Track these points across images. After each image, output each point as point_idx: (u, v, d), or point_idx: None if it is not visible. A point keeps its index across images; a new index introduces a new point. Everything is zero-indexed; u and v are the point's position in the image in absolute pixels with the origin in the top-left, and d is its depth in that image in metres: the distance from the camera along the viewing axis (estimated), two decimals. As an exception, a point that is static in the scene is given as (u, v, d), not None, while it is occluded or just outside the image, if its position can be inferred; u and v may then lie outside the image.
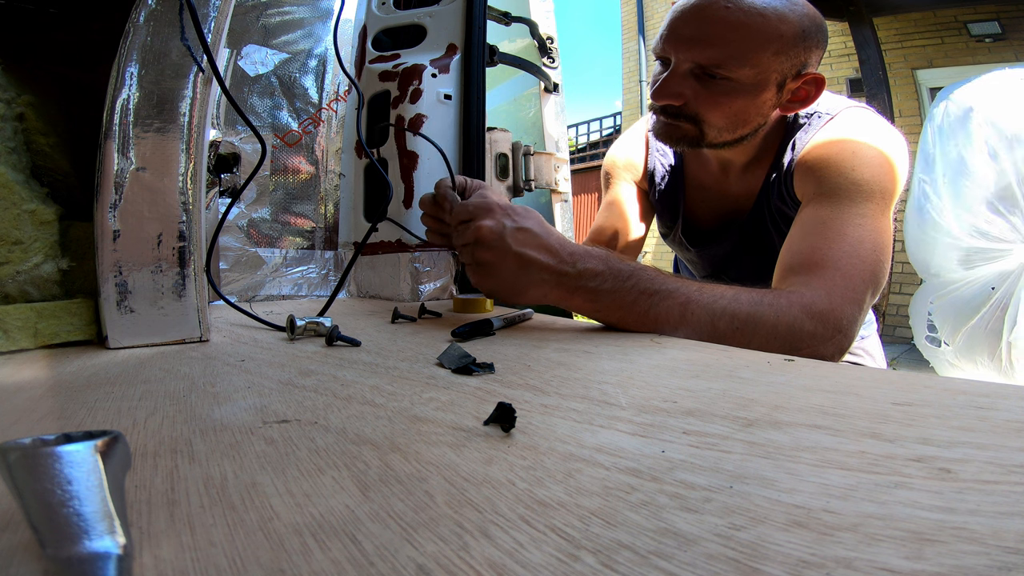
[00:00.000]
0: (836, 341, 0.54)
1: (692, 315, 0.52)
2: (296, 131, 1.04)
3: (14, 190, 0.49)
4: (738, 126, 0.68)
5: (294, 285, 1.01)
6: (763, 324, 0.52)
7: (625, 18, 6.18)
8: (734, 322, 0.52)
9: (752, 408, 0.28)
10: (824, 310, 0.54)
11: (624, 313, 0.53)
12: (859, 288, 0.57)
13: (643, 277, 0.54)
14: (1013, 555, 0.14)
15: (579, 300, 0.55)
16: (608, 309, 0.54)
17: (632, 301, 0.53)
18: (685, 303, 0.52)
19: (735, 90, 0.65)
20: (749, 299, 0.53)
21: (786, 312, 0.53)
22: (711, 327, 0.52)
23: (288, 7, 1.03)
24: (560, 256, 0.54)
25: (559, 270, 0.54)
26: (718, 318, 0.52)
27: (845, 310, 0.55)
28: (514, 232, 0.54)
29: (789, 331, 0.53)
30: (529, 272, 0.54)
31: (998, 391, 0.29)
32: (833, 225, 0.60)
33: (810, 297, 0.54)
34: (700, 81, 0.65)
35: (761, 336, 0.52)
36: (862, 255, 0.58)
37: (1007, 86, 2.53)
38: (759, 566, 0.14)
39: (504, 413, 0.26)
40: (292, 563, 0.15)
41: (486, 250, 0.55)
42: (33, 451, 0.15)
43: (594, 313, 0.55)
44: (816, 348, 0.53)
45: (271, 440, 0.25)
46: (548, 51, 1.28)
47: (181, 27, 0.49)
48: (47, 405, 0.32)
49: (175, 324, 0.50)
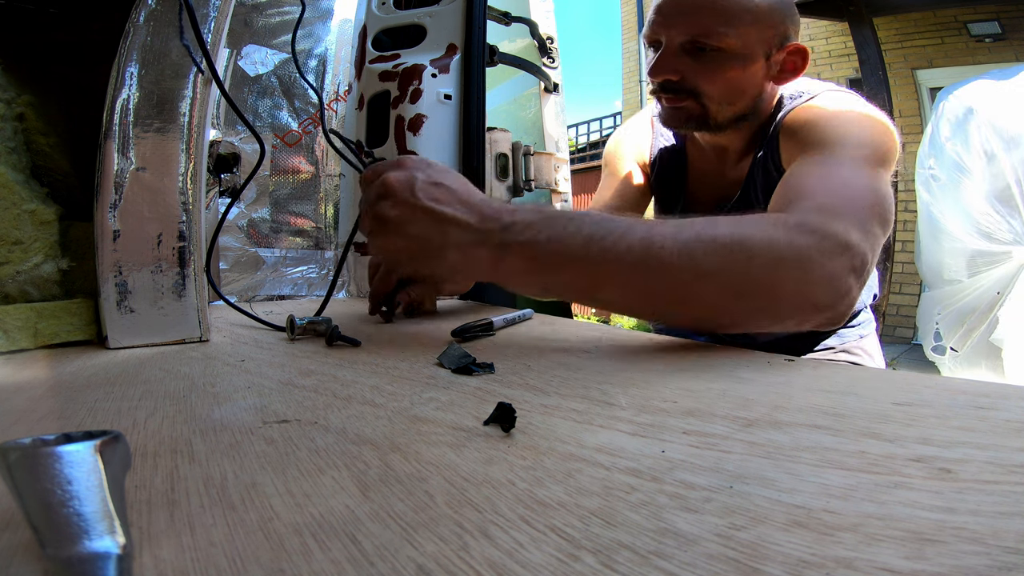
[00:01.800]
0: (847, 258, 0.45)
1: (660, 249, 0.42)
2: (296, 131, 1.04)
3: (14, 190, 0.49)
4: (736, 97, 0.69)
5: (294, 285, 1.01)
6: (753, 243, 0.43)
7: (625, 18, 6.19)
8: (715, 247, 0.42)
9: (752, 408, 0.28)
10: (819, 225, 0.45)
11: (573, 268, 0.43)
12: (860, 213, 0.48)
13: (588, 220, 0.44)
14: (1013, 555, 0.14)
15: (512, 261, 0.43)
16: (551, 266, 0.43)
17: (579, 248, 0.42)
18: (647, 237, 0.42)
19: (726, 60, 0.66)
20: (726, 221, 0.44)
21: (774, 229, 0.44)
22: (688, 260, 0.42)
23: (288, 7, 1.03)
24: (482, 212, 0.45)
25: (481, 227, 0.44)
26: (693, 246, 0.42)
27: (846, 227, 0.46)
28: (427, 185, 0.45)
29: (789, 247, 0.43)
30: (444, 230, 0.44)
31: (998, 391, 0.29)
32: (824, 166, 0.55)
33: (799, 217, 0.46)
34: (692, 56, 0.67)
35: (759, 261, 0.42)
36: (859, 189, 0.51)
37: (1007, 86, 2.53)
38: (759, 566, 0.14)
39: (504, 413, 0.26)
40: (292, 563, 0.15)
41: (391, 206, 0.45)
42: (33, 451, 0.15)
43: (534, 275, 0.44)
44: (825, 266, 0.44)
45: (271, 440, 0.25)
46: (548, 51, 1.28)
47: (180, 28, 0.49)
48: (47, 405, 0.32)
49: (175, 324, 0.50)
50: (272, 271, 0.99)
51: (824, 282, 0.44)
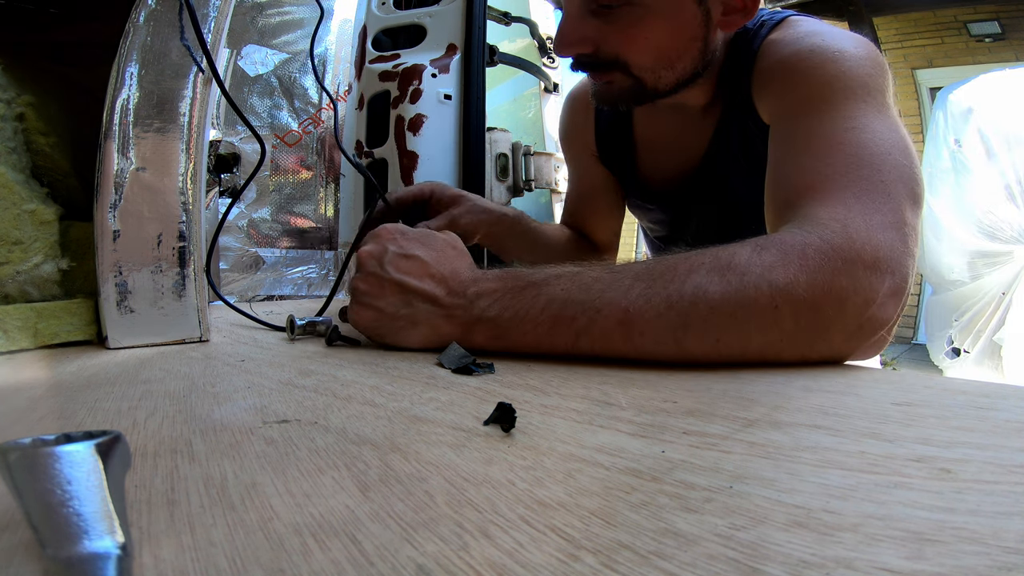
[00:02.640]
0: (877, 278, 0.37)
1: (639, 319, 0.37)
2: (296, 131, 1.04)
3: (14, 190, 0.49)
4: (672, 59, 0.55)
5: (294, 285, 1.01)
6: (751, 311, 0.36)
7: (625, 18, 6.18)
8: (699, 320, 0.36)
9: (752, 408, 0.28)
10: (843, 246, 0.37)
11: (540, 341, 0.40)
12: (887, 204, 0.40)
13: (555, 282, 0.40)
14: (1013, 555, 0.14)
15: (479, 336, 0.42)
16: (518, 340, 0.41)
17: (544, 323, 0.39)
18: (624, 307, 0.37)
19: (642, 15, 0.52)
20: (712, 267, 0.37)
21: (771, 276, 0.36)
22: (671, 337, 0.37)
23: (288, 7, 1.04)
24: (450, 285, 0.44)
25: (447, 302, 0.43)
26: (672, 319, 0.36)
27: (878, 237, 0.38)
28: (396, 258, 0.45)
29: (796, 307, 0.36)
30: (412, 305, 0.44)
31: (998, 391, 0.29)
32: (819, 135, 0.46)
33: (822, 240, 0.37)
34: (600, 17, 0.54)
35: (758, 340, 0.36)
36: (875, 162, 0.42)
37: (1007, 85, 2.53)
38: (759, 566, 0.14)
39: (504, 413, 0.26)
40: (292, 563, 0.15)
41: (361, 279, 0.45)
42: (33, 451, 0.15)
43: (503, 344, 0.42)
44: (846, 311, 0.36)
45: (271, 440, 0.25)
46: (548, 51, 1.28)
47: (181, 27, 0.49)
48: (47, 405, 0.32)
49: (175, 324, 0.50)
50: (272, 271, 0.99)
51: (850, 333, 0.37)
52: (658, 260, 0.40)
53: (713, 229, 0.72)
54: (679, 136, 0.68)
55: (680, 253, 0.40)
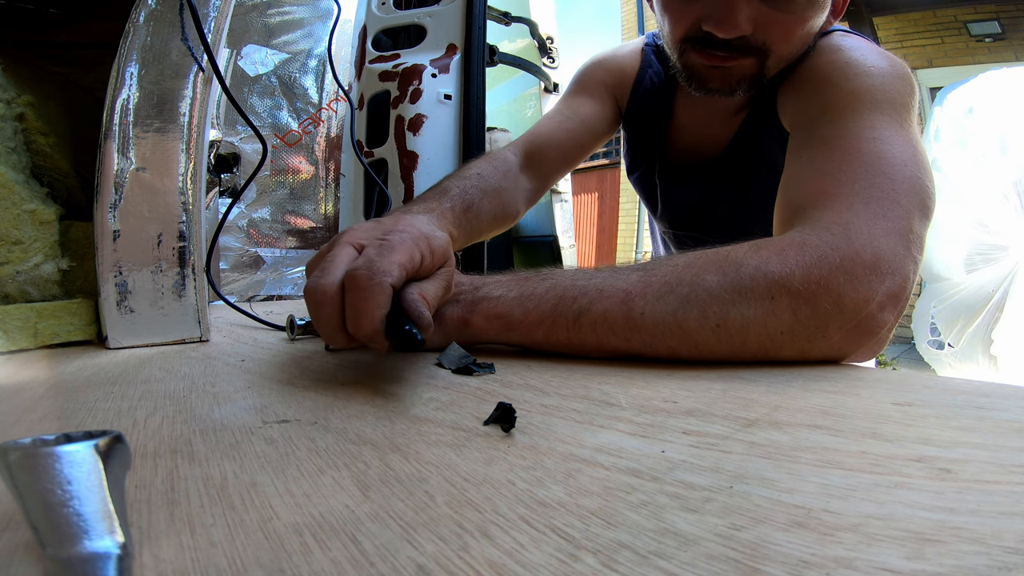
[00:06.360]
0: (876, 281, 0.37)
1: (640, 316, 0.38)
2: (296, 131, 1.04)
3: (14, 190, 0.49)
4: (800, 50, 0.55)
5: (294, 285, 1.01)
6: (751, 316, 0.36)
7: (625, 18, 6.18)
8: (703, 320, 0.37)
9: (752, 408, 0.28)
10: (842, 245, 0.37)
11: (542, 320, 0.40)
12: (894, 211, 0.40)
13: (562, 273, 0.42)
14: (1013, 555, 0.14)
15: (479, 316, 0.42)
16: (519, 317, 0.41)
17: (548, 301, 0.40)
18: (626, 299, 0.38)
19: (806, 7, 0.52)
20: (716, 268, 0.38)
21: (775, 290, 0.37)
22: (677, 334, 0.38)
23: (288, 7, 1.04)
24: (457, 278, 0.44)
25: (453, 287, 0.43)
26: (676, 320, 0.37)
27: (880, 241, 0.38)
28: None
29: (797, 309, 0.36)
30: None
31: (998, 391, 0.29)
32: (839, 143, 0.46)
33: (821, 240, 0.38)
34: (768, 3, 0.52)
35: (756, 340, 0.37)
36: (889, 172, 0.42)
37: (1007, 86, 2.53)
38: (759, 566, 0.14)
39: (504, 413, 0.26)
40: (292, 563, 0.15)
41: None
42: (33, 451, 0.15)
43: (503, 331, 0.42)
44: (844, 311, 0.36)
45: (271, 440, 0.25)
46: (548, 51, 1.28)
47: (182, 27, 0.49)
48: (47, 405, 0.32)
49: (175, 324, 0.50)
50: (272, 271, 0.99)
51: (849, 331, 0.37)
52: (658, 259, 0.42)
53: (722, 217, 0.72)
54: (708, 126, 0.69)
55: (680, 254, 0.41)
